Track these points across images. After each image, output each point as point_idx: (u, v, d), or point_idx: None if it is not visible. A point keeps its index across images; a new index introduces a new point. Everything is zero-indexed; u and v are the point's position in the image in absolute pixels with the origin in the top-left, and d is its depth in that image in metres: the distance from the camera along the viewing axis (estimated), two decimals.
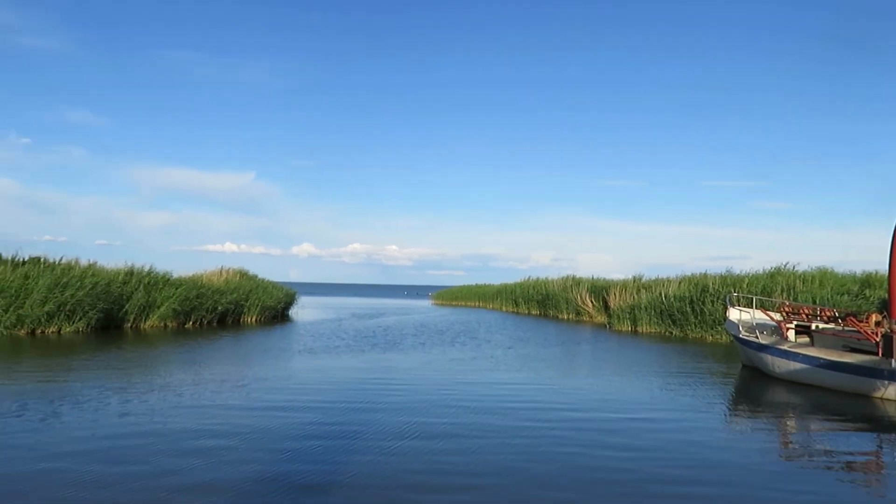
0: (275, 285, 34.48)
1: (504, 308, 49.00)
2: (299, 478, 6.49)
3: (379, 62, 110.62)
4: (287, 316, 34.78)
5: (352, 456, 7.29)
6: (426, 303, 66.36)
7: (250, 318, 29.80)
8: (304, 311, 38.18)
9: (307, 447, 7.66)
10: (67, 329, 21.09)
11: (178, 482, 6.24)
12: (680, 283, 28.17)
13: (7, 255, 24.21)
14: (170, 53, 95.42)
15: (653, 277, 32.37)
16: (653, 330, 26.83)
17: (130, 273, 24.97)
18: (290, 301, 35.76)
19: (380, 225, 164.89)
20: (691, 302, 25.48)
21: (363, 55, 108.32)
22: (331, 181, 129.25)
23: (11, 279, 20.71)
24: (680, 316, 25.73)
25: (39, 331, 20.55)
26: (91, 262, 25.06)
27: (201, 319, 26.37)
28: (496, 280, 59.89)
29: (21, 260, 23.98)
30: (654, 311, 27.01)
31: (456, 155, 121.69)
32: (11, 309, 20.09)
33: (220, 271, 31.48)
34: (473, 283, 64.47)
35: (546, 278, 44.46)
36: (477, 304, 57.33)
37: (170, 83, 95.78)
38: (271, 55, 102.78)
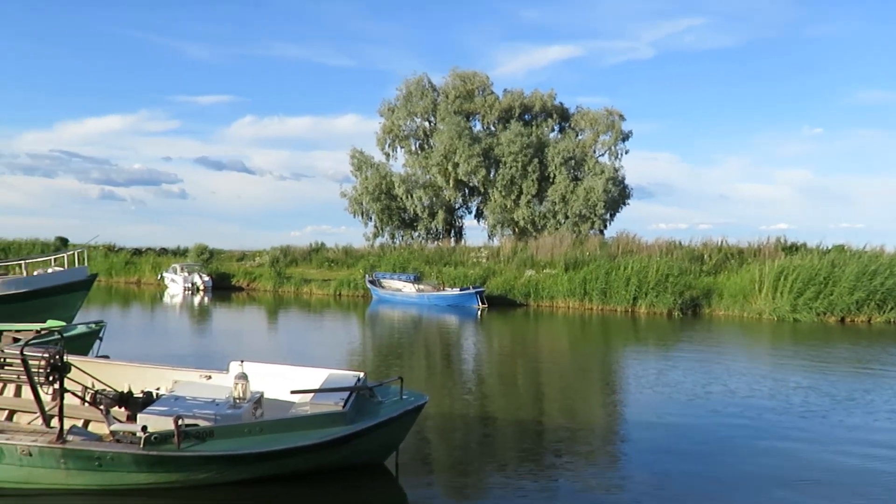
0: None
1: None
2: None
3: None
4: None
5: None
6: None
7: None
8: None
9: None
10: (878, 319, 20.20)
11: None
12: None
13: (812, 244, 26.14)
14: None
15: None
16: None
17: None
18: None
19: None
20: None
21: None
22: None
23: (819, 267, 21.21)
24: None
25: (849, 319, 20.35)
26: None
27: None
28: None
29: (825, 248, 25.15)
30: None
31: None
32: (821, 296, 20.54)
33: None
34: None
35: None
36: None
37: None
38: None
